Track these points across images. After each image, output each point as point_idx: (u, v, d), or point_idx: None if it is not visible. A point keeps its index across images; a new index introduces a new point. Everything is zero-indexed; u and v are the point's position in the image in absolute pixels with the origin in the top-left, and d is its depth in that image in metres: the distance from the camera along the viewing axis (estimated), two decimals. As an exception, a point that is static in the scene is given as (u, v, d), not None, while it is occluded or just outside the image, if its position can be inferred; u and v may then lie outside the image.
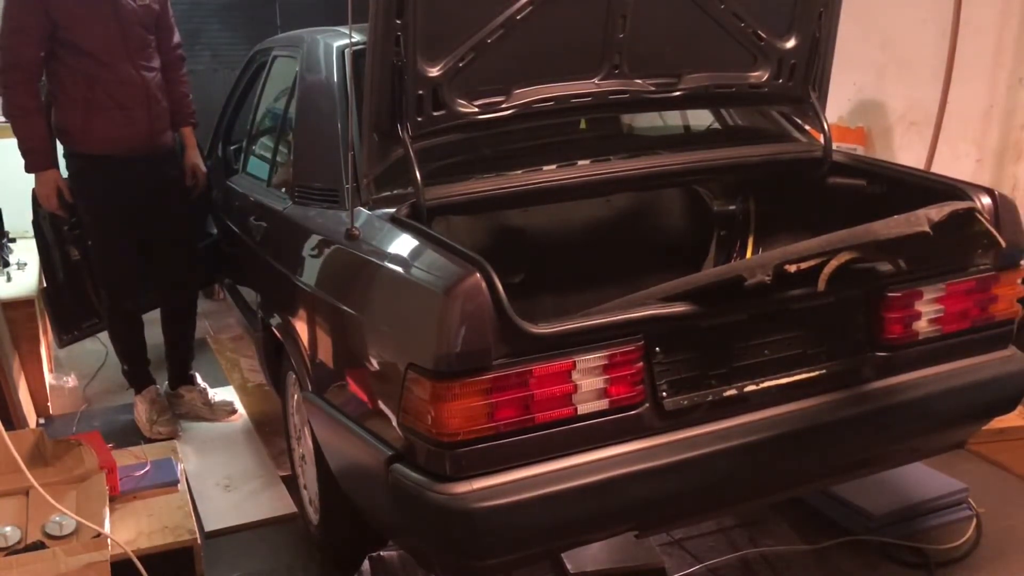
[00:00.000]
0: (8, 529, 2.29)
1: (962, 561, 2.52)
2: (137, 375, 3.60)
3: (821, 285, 1.91)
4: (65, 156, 3.28)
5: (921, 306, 2.21)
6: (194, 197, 3.59)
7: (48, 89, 3.19)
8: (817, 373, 2.13)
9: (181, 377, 3.71)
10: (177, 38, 3.46)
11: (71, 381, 4.04)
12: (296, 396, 2.70)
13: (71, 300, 3.57)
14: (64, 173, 3.27)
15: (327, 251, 2.39)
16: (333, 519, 2.54)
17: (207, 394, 3.69)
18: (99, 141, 3.20)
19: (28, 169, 3.20)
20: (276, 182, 3.04)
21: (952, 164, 3.61)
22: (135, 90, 3.20)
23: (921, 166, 3.61)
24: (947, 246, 2.09)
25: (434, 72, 2.15)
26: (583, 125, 3.06)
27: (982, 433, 2.68)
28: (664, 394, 1.98)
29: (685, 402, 2.00)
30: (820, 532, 2.63)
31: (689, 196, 3.10)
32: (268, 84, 3.48)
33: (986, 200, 2.20)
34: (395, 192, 2.32)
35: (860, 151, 3.96)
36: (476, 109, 2.27)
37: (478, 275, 1.80)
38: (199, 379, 3.75)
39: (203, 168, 3.60)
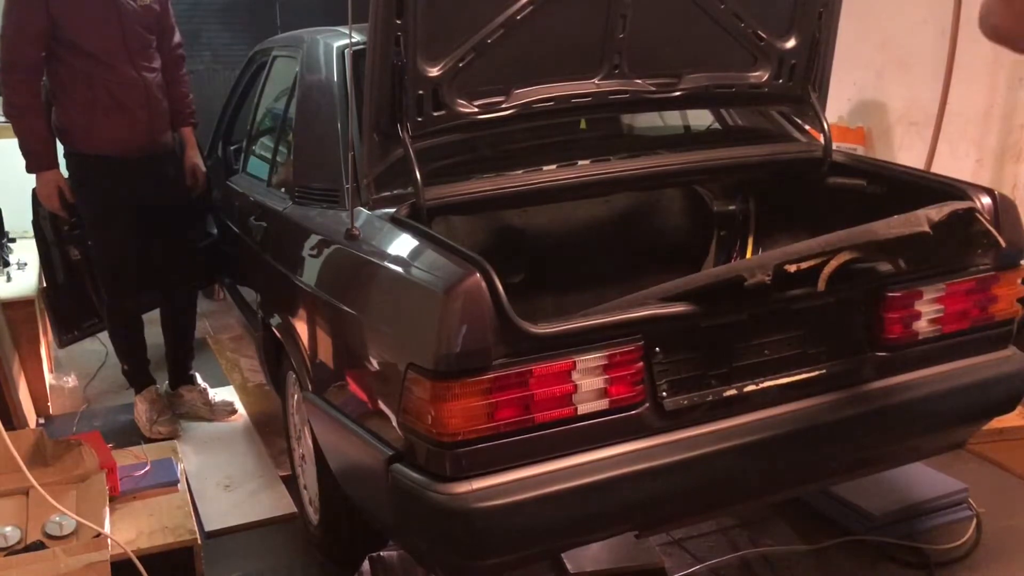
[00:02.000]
0: (8, 529, 2.29)
1: (962, 561, 2.51)
2: (137, 375, 3.60)
3: (821, 285, 1.91)
4: (65, 156, 3.28)
5: (921, 306, 2.21)
6: (194, 197, 3.59)
7: (49, 89, 3.18)
8: (817, 373, 2.12)
9: (181, 377, 3.71)
10: (178, 38, 3.46)
11: (71, 381, 4.05)
12: (296, 396, 2.70)
13: (71, 300, 3.57)
14: (64, 172, 3.27)
15: (327, 251, 2.39)
16: (333, 519, 2.54)
17: (207, 394, 3.69)
18: (99, 141, 3.20)
19: (29, 169, 3.20)
20: (276, 182, 3.03)
21: (952, 164, 3.61)
22: (136, 90, 3.20)
23: (921, 166, 3.61)
24: (947, 246, 2.09)
25: (434, 72, 2.15)
26: (583, 125, 3.05)
27: (982, 433, 2.68)
28: (664, 394, 1.98)
29: (685, 402, 2.00)
30: (820, 532, 2.63)
31: (689, 196, 3.09)
32: (268, 84, 3.47)
33: (986, 200, 2.20)
34: (395, 192, 2.31)
35: (860, 151, 3.96)
36: (476, 109, 2.27)
37: (478, 275, 1.80)
38: (199, 379, 3.75)
39: (203, 168, 3.59)
